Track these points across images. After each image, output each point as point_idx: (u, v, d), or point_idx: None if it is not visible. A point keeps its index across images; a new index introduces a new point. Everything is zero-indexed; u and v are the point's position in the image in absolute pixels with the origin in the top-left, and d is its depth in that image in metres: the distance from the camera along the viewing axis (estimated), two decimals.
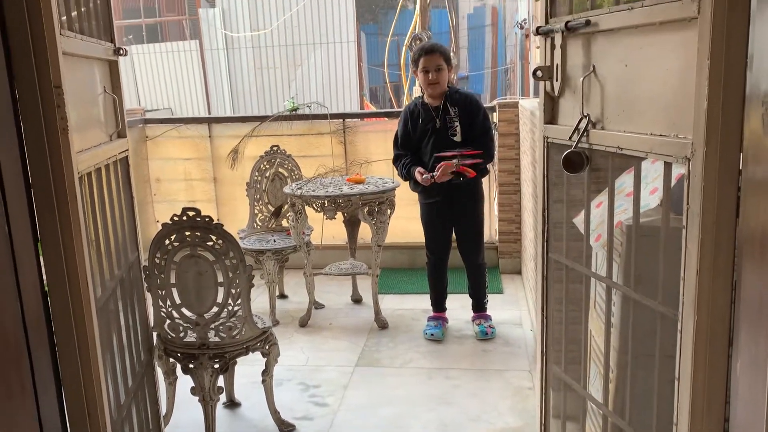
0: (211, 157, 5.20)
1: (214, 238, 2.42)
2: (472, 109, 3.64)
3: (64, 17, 1.87)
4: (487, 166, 3.72)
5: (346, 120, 5.05)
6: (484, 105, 3.86)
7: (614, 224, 2.14)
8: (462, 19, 31.12)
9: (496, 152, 4.37)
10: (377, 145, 4.98)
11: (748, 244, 1.32)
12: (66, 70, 1.75)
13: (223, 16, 17.21)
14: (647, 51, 1.71)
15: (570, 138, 2.01)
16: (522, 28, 14.90)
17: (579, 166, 1.98)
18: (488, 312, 3.89)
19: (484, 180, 3.86)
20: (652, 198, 2.17)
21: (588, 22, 1.88)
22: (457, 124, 3.61)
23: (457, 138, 3.62)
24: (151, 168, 5.28)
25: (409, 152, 3.72)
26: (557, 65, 2.08)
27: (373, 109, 15.04)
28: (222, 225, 2.42)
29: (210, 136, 5.18)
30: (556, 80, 2.10)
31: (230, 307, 2.52)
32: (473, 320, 3.89)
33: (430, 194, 3.69)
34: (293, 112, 5.05)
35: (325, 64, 17.09)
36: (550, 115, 2.21)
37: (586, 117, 1.96)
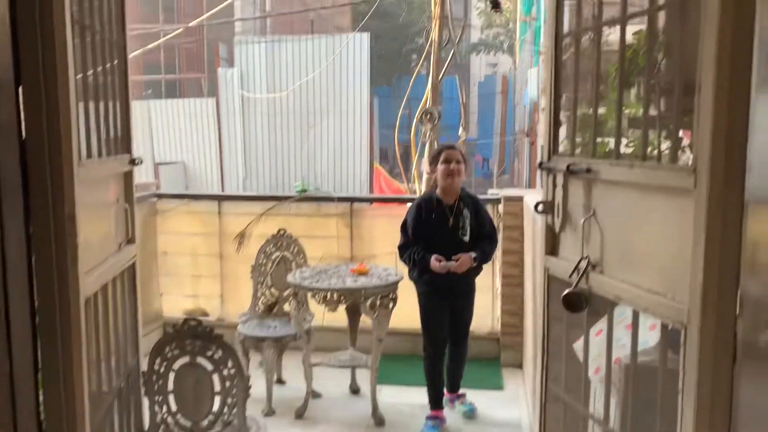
0: (219, 233, 5.26)
1: (213, 347, 2.43)
2: (481, 214, 3.91)
3: (84, 143, 1.94)
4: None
5: (354, 204, 5.12)
6: (493, 174, 4.07)
7: (613, 360, 2.15)
8: (473, 86, 31.78)
9: (500, 243, 4.50)
10: (383, 229, 5.02)
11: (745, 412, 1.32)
12: (81, 195, 1.81)
13: (242, 76, 17.67)
14: (646, 208, 1.76)
15: (570, 276, 2.04)
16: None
17: (579, 306, 2.00)
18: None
19: (487, 270, 4.06)
20: (651, 335, 2.18)
21: (589, 170, 1.93)
22: (468, 225, 3.75)
23: (466, 238, 3.78)
24: (159, 241, 5.34)
25: (418, 242, 3.79)
26: (558, 203, 2.13)
27: (383, 171, 15.25)
28: (222, 336, 2.43)
29: (219, 213, 5.25)
30: (557, 217, 2.15)
31: (225, 417, 2.51)
32: (454, 400, 4.07)
33: (435, 282, 3.74)
34: (302, 194, 5.13)
35: (338, 126, 17.41)
36: (551, 247, 2.25)
37: (586, 258, 1.99)
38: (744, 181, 1.39)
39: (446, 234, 3.78)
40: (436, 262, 3.67)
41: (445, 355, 3.94)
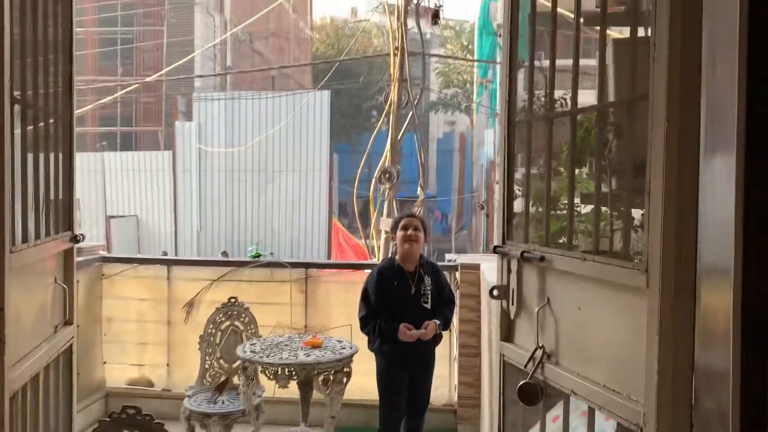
0: (168, 299, 5.08)
1: None
2: (441, 281, 3.90)
3: (20, 226, 1.84)
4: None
5: (309, 269, 5.03)
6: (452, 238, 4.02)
7: None
8: (432, 142, 32.38)
9: (456, 311, 4.46)
10: (339, 297, 4.94)
11: None
12: (12, 283, 1.70)
13: (199, 130, 17.58)
14: (599, 302, 1.74)
15: (526, 366, 2.00)
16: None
17: (534, 398, 1.96)
18: None
19: (444, 338, 4.06)
20: (608, 424, 2.14)
21: (543, 258, 1.92)
22: (429, 292, 3.73)
23: (428, 305, 3.74)
24: (105, 306, 5.12)
25: (381, 311, 3.72)
26: (513, 289, 2.11)
27: (341, 227, 15.17)
28: (162, 424, 2.29)
29: (169, 278, 5.09)
30: (512, 304, 2.12)
31: None
32: None
33: (397, 352, 3.67)
34: (256, 259, 5.02)
35: (296, 181, 17.37)
36: (507, 333, 2.21)
37: (541, 348, 1.96)
38: (695, 277, 1.38)
39: (409, 301, 3.73)
40: (406, 331, 3.60)
41: (402, 429, 3.82)
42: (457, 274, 4.79)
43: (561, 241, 1.93)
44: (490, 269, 4.29)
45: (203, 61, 17.96)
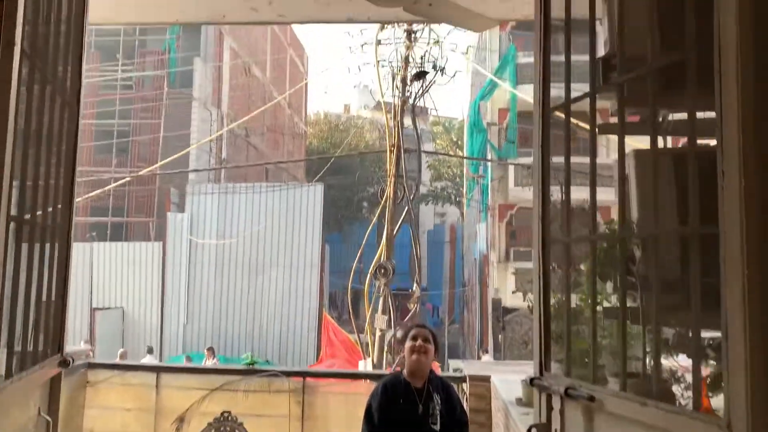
0: (155, 408, 4.74)
1: None
2: (452, 400, 3.55)
3: (4, 362, 1.63)
4: None
5: (307, 379, 4.74)
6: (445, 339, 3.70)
7: None
8: (422, 234, 32.49)
9: None
10: (337, 409, 4.63)
11: None
12: None
13: (191, 221, 17.47)
14: None
15: None
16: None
17: None
18: None
19: None
20: None
21: (592, 398, 1.71)
22: (438, 413, 3.41)
23: (437, 427, 3.41)
24: (87, 416, 4.77)
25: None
26: (556, 430, 1.88)
27: (332, 321, 14.78)
28: None
29: (157, 386, 4.77)
30: None
31: None
32: None
33: None
34: (250, 366, 4.74)
35: (287, 273, 17.10)
36: None
37: None
38: None
39: (416, 422, 3.41)
40: None
41: None
42: (465, 386, 4.52)
43: (611, 378, 1.73)
44: (502, 382, 4.04)
45: (198, 153, 18.13)
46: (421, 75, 10.07)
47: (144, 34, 19.33)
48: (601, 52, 2.09)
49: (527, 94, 13.90)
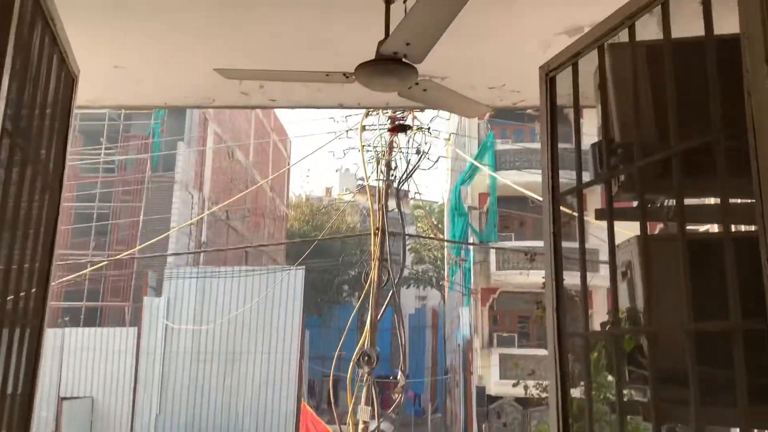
0: None
1: None
2: None
3: None
4: None
5: None
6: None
7: None
8: (404, 318, 31.95)
9: None
10: None
11: None
12: None
13: (168, 306, 17.03)
14: None
15: None
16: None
17: None
18: None
19: None
20: None
21: None
22: None
23: None
24: None
25: None
26: None
27: (310, 411, 14.19)
28: None
29: None
30: None
31: None
32: None
33: None
34: None
35: (265, 359, 16.58)
36: None
37: None
38: None
39: None
40: None
41: None
42: None
43: None
44: None
45: (178, 236, 17.93)
46: (403, 128, 10.15)
47: (129, 119, 19.52)
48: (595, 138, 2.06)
49: (506, 179, 14.17)
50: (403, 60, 2.32)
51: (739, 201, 1.68)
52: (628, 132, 1.76)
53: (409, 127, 9.98)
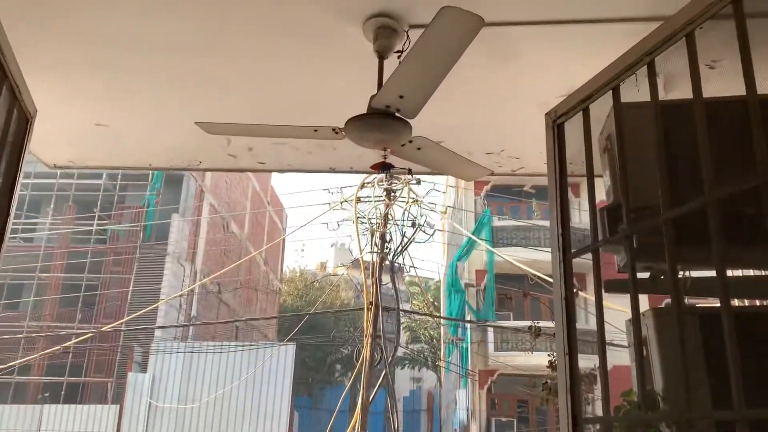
0: None
1: None
2: None
3: None
4: None
5: None
6: None
7: None
8: (398, 401, 30.95)
9: None
10: None
11: None
12: None
13: (153, 382, 16.38)
14: None
15: None
16: None
17: None
18: None
19: None
20: None
21: None
22: None
23: None
24: None
25: None
26: None
27: None
28: None
29: None
30: None
31: None
32: None
33: None
34: None
35: None
36: None
37: None
38: None
39: None
40: None
41: None
42: None
43: None
44: None
45: (167, 309, 17.49)
46: (386, 167, 9.95)
47: (124, 190, 19.47)
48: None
49: (505, 256, 13.93)
50: (396, 114, 2.16)
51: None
52: (646, 196, 1.57)
53: (392, 166, 9.85)
